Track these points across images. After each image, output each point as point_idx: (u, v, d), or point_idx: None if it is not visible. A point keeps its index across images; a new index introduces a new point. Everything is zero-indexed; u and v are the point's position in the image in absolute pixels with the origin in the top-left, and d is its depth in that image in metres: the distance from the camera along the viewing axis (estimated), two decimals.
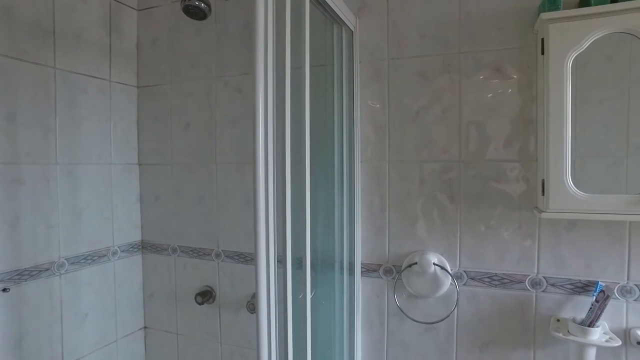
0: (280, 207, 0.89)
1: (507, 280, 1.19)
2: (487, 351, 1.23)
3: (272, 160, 0.84)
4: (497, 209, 1.20)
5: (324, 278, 1.28)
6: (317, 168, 1.21)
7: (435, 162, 1.25)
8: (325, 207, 1.27)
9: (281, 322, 0.92)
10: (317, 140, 1.18)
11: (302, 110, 0.99)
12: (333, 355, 1.30)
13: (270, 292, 0.85)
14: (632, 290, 1.10)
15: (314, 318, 1.19)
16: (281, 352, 0.92)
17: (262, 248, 0.83)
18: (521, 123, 1.17)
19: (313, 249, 1.10)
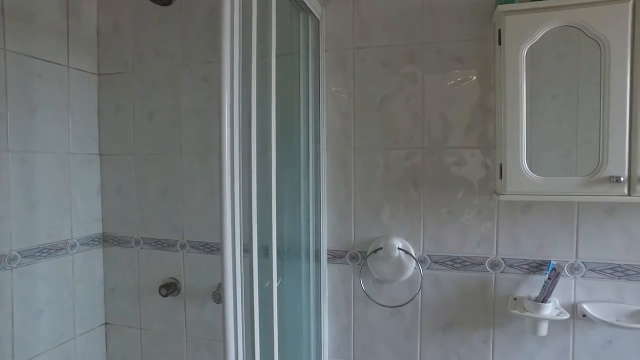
0: (246, 196, 0.89)
1: (469, 262, 1.24)
2: (449, 332, 1.27)
3: (238, 149, 0.84)
4: (458, 194, 1.24)
5: (290, 266, 1.29)
6: (283, 156, 1.22)
7: (399, 149, 1.28)
8: (291, 195, 1.27)
9: (247, 311, 0.91)
10: (283, 129, 1.19)
11: (268, 98, 0.99)
12: (300, 343, 1.31)
13: (237, 281, 0.85)
14: (579, 267, 1.16)
15: (281, 306, 1.19)
16: (248, 341, 0.92)
17: (228, 237, 0.82)
18: (480, 111, 1.22)
19: (279, 237, 1.10)
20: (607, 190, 1.02)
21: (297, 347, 1.30)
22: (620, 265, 1.14)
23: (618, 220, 1.14)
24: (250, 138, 0.88)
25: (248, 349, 0.92)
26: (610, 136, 1.02)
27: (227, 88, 0.80)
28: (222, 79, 0.81)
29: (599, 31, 1.02)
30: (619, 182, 1.01)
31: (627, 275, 1.14)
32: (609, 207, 1.14)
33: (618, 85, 1.01)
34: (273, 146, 0.98)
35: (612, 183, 1.01)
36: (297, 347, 1.30)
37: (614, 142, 1.02)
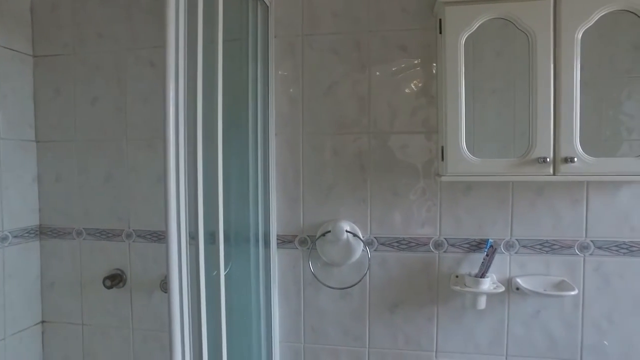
0: (192, 183, 0.88)
1: (414, 243, 1.29)
2: (396, 311, 1.31)
3: (184, 135, 0.82)
4: (403, 177, 1.29)
5: (239, 252, 1.28)
6: (231, 142, 1.21)
7: (347, 134, 1.31)
8: (239, 181, 1.26)
9: (194, 300, 0.90)
10: (230, 114, 1.18)
11: (215, 84, 0.98)
12: (250, 329, 1.30)
13: (182, 270, 0.84)
14: (514, 244, 1.24)
15: (230, 293, 1.18)
16: (195, 330, 0.91)
17: (173, 225, 0.81)
18: (424, 97, 1.27)
19: (227, 223, 1.10)
20: (536, 171, 1.10)
21: (246, 333, 1.29)
22: (548, 241, 1.23)
23: (546, 200, 1.23)
24: (196, 124, 0.87)
25: (195, 338, 0.90)
26: (538, 121, 1.10)
27: (172, 73, 0.79)
28: (167, 64, 0.79)
29: (527, 24, 1.10)
30: (545, 162, 1.09)
31: (553, 250, 1.23)
32: (538, 187, 1.23)
33: (544, 74, 1.09)
34: (219, 132, 0.98)
35: (540, 164, 1.09)
36: (246, 334, 1.29)
37: (541, 126, 1.10)
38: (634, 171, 1.08)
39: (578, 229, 1.22)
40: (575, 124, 1.08)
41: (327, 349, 1.35)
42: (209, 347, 0.92)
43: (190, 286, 0.87)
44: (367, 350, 1.33)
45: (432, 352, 1.30)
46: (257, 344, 1.32)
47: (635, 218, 1.20)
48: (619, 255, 1.21)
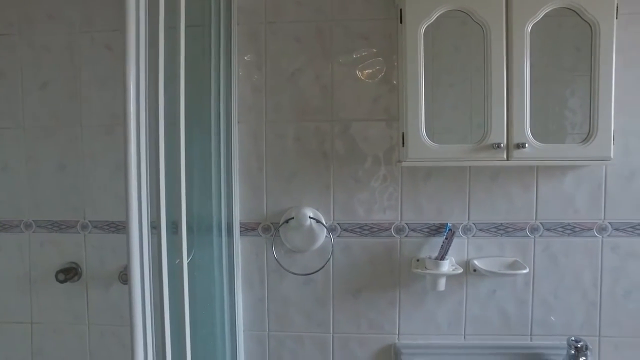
0: (153, 170, 0.85)
1: (376, 229, 1.31)
2: (360, 296, 1.33)
3: (145, 121, 0.80)
4: (365, 164, 1.31)
5: (201, 241, 1.25)
6: (193, 129, 1.19)
7: (310, 121, 1.32)
8: (202, 168, 1.24)
9: (156, 290, 0.88)
10: (193, 102, 1.16)
11: (177, 70, 0.96)
12: (214, 319, 1.28)
13: (144, 259, 0.81)
14: (471, 228, 1.30)
15: (193, 283, 1.16)
16: (157, 322, 0.88)
17: (134, 214, 0.78)
18: (385, 86, 1.30)
19: (189, 212, 1.07)
20: (491, 156, 1.15)
21: (210, 324, 1.27)
22: (502, 224, 1.30)
23: (500, 185, 1.29)
24: (158, 110, 0.85)
25: (157, 330, 0.88)
26: (493, 109, 1.15)
27: (132, 58, 0.77)
28: (127, 48, 0.77)
29: (482, 16, 1.15)
30: (499, 148, 1.14)
31: (507, 233, 1.29)
32: (493, 173, 1.29)
33: (497, 65, 1.15)
34: (182, 119, 0.95)
35: (494, 149, 1.15)
36: (210, 324, 1.27)
37: (495, 114, 1.15)
38: (578, 156, 1.16)
39: (529, 212, 1.29)
40: (526, 113, 1.14)
41: (291, 336, 1.35)
42: (172, 339, 0.90)
43: (152, 277, 0.85)
44: (331, 336, 1.35)
45: (394, 335, 1.34)
46: (221, 334, 1.30)
47: (578, 201, 1.28)
48: (564, 235, 1.29)
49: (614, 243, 1.29)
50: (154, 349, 0.84)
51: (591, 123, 1.15)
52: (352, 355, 1.35)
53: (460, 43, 1.21)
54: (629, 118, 1.27)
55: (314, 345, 1.35)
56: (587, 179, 1.28)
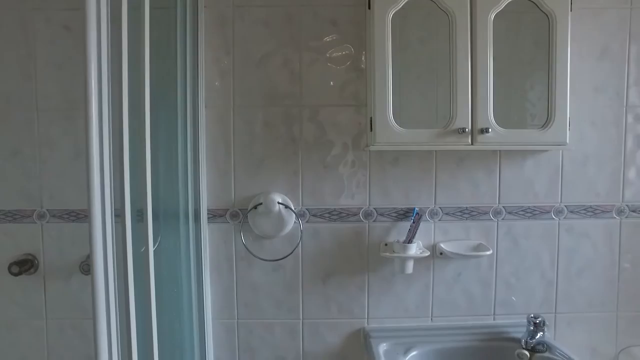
0: (117, 156, 0.82)
1: (345, 214, 1.32)
2: (329, 282, 1.34)
3: (108, 105, 0.77)
4: (334, 149, 1.31)
5: (168, 228, 1.22)
6: (159, 114, 1.15)
7: (278, 106, 1.31)
8: (168, 154, 1.21)
9: (121, 280, 0.84)
10: (158, 85, 1.12)
11: (141, 52, 0.93)
12: (182, 308, 1.25)
13: (108, 248, 0.78)
14: (437, 212, 1.33)
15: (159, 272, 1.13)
16: (122, 313, 0.85)
17: (96, 201, 0.75)
18: (353, 72, 1.31)
19: (155, 198, 1.04)
20: (456, 140, 1.18)
21: (178, 313, 1.24)
22: (467, 208, 1.33)
23: (465, 170, 1.32)
24: (122, 93, 0.81)
25: (122, 322, 0.85)
26: (458, 95, 1.18)
27: (94, 39, 0.73)
28: (87, 29, 0.73)
29: (447, 4, 1.17)
30: (464, 132, 1.17)
31: (472, 216, 1.33)
32: (458, 158, 1.32)
33: (462, 51, 1.18)
34: (147, 103, 0.92)
35: (459, 134, 1.18)
36: (178, 313, 1.24)
37: (460, 100, 1.18)
38: (537, 141, 1.21)
39: (492, 196, 1.33)
40: (490, 99, 1.18)
41: (261, 324, 1.34)
42: (138, 330, 0.87)
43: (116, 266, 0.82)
44: (301, 322, 1.35)
45: (364, 319, 1.35)
46: (189, 323, 1.28)
47: (537, 185, 1.34)
48: (524, 218, 1.34)
49: (569, 225, 1.36)
50: (118, 342, 0.81)
51: (549, 110, 1.20)
52: (323, 340, 1.35)
53: (427, 31, 1.23)
54: (583, 107, 1.33)
55: (284, 332, 1.35)
56: (545, 164, 1.34)
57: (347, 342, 1.36)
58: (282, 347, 1.35)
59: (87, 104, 0.73)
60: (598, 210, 1.36)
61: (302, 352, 1.35)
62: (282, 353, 1.35)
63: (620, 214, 1.37)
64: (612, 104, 1.35)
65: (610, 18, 1.33)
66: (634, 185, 1.37)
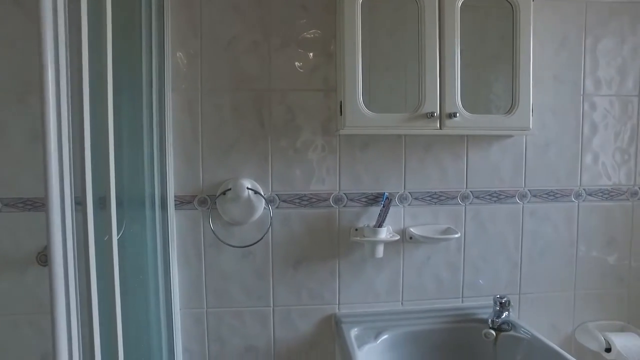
0: (77, 141, 0.78)
1: (315, 199, 1.31)
2: (299, 268, 1.33)
3: (66, 87, 0.72)
4: (304, 134, 1.30)
5: (133, 216, 1.18)
6: (122, 97, 1.11)
7: (247, 91, 1.28)
8: (132, 138, 1.16)
9: (82, 270, 0.80)
10: (121, 67, 1.08)
11: (103, 31, 0.88)
12: (148, 299, 1.21)
13: (67, 237, 0.74)
14: (407, 197, 1.34)
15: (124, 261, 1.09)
16: (83, 305, 0.81)
17: (54, 189, 0.70)
18: (324, 56, 1.30)
19: (119, 185, 1.00)
20: (425, 124, 1.20)
21: (144, 304, 1.20)
22: (436, 193, 1.35)
23: (434, 155, 1.34)
24: (81, 75, 0.77)
25: (84, 315, 0.81)
26: (427, 80, 1.20)
27: (49, 16, 0.69)
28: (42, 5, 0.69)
29: None
30: (433, 117, 1.19)
31: (440, 201, 1.36)
32: (427, 143, 1.34)
33: (430, 37, 1.19)
34: (109, 85, 0.88)
35: (428, 119, 1.19)
36: (144, 304, 1.20)
37: (429, 84, 1.20)
38: (503, 126, 1.24)
39: (460, 181, 1.36)
40: (457, 85, 1.20)
41: (230, 312, 1.32)
42: (101, 323, 0.83)
43: (77, 256, 0.78)
44: (271, 309, 1.33)
45: (335, 305, 1.35)
46: (155, 314, 1.24)
47: (502, 170, 1.38)
48: (491, 203, 1.38)
49: (532, 208, 1.40)
50: (79, 337, 0.77)
51: (513, 96, 1.24)
52: (294, 327, 1.34)
53: (397, 17, 1.24)
54: (544, 95, 1.38)
55: (254, 320, 1.33)
56: (510, 150, 1.38)
57: (318, 329, 1.35)
58: (253, 336, 1.33)
59: (42, 85, 0.68)
60: (558, 194, 1.41)
61: (274, 340, 1.34)
62: (253, 342, 1.33)
63: (578, 197, 1.43)
64: (570, 92, 1.41)
65: (568, 10, 1.38)
66: (590, 171, 1.43)
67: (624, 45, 1.42)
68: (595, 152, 1.43)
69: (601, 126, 1.43)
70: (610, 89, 1.42)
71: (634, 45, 1.42)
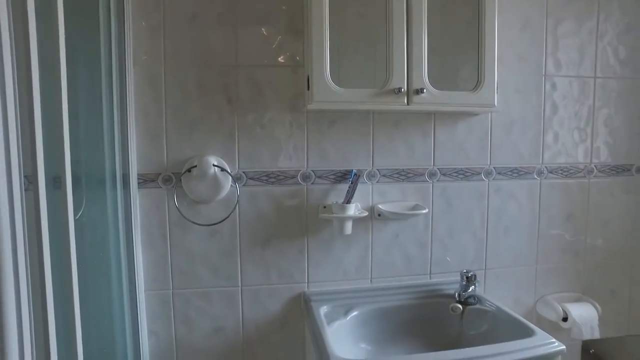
0: (26, 116, 0.73)
1: (282, 176, 1.30)
2: (268, 246, 1.31)
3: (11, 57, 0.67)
4: (271, 110, 1.28)
5: (93, 195, 1.13)
6: (79, 68, 1.06)
7: (213, 66, 1.25)
8: (91, 114, 1.12)
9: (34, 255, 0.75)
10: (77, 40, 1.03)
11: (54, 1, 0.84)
12: (110, 282, 1.17)
13: (16, 220, 0.69)
14: (375, 174, 1.35)
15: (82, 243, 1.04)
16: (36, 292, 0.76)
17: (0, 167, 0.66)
18: (291, 32, 1.28)
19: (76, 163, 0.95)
20: (392, 100, 1.20)
21: (106, 287, 1.16)
22: (404, 170, 1.36)
23: (401, 131, 1.35)
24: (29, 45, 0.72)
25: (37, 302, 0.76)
26: (394, 55, 1.20)
27: None
28: None
29: None
30: (400, 92, 1.19)
31: (408, 178, 1.37)
32: (395, 120, 1.34)
33: (398, 13, 1.20)
34: (62, 53, 0.83)
35: (396, 94, 1.20)
36: (106, 288, 1.16)
37: (397, 60, 1.20)
38: (469, 103, 1.26)
39: (427, 158, 1.38)
40: (424, 61, 1.21)
41: (198, 293, 1.29)
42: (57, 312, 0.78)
43: (29, 240, 0.73)
44: (240, 289, 1.31)
45: (304, 284, 1.34)
46: (118, 297, 1.20)
47: (468, 148, 1.40)
48: (457, 180, 1.40)
49: (497, 185, 1.44)
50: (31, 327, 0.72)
51: (479, 73, 1.26)
52: (263, 307, 1.33)
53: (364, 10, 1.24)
54: (509, 75, 1.41)
55: (222, 301, 1.30)
56: (476, 128, 1.40)
57: (287, 308, 1.34)
58: (221, 316, 1.31)
59: None
60: (522, 171, 1.45)
61: (242, 320, 1.32)
62: (221, 322, 1.31)
63: (540, 174, 1.47)
64: (533, 72, 1.44)
65: None
66: (551, 149, 1.47)
67: (582, 29, 1.47)
68: (556, 131, 1.47)
69: (561, 106, 1.47)
70: (569, 70, 1.47)
71: (590, 28, 1.47)
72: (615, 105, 1.52)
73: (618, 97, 1.52)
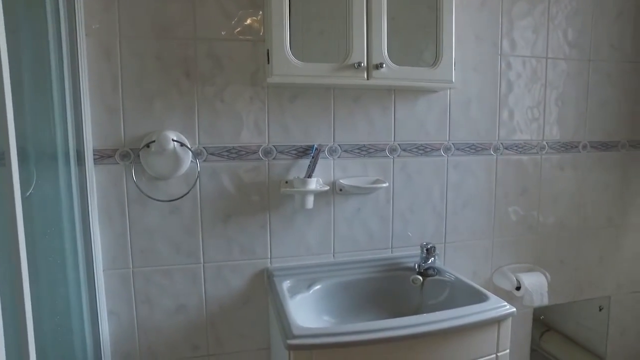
0: None
1: (244, 152, 1.29)
2: (229, 222, 1.31)
3: None
4: (231, 84, 1.27)
5: (44, 172, 1.09)
6: (23, 36, 1.01)
7: (171, 39, 1.22)
8: (39, 85, 1.07)
9: None
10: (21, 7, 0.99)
11: None
12: (65, 263, 1.13)
13: None
14: (336, 149, 1.36)
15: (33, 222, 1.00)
16: None
17: None
18: (252, 5, 1.26)
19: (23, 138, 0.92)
20: (352, 74, 1.22)
21: (60, 268, 1.12)
22: (365, 145, 1.38)
23: (362, 107, 1.37)
24: None
25: None
26: (354, 29, 1.21)
27: None
28: None
29: None
30: (360, 67, 1.21)
31: (369, 153, 1.39)
32: (355, 96, 1.36)
33: None
34: None
35: (355, 69, 1.21)
36: (60, 269, 1.12)
37: (356, 34, 1.21)
38: (427, 78, 1.29)
39: (388, 134, 1.40)
40: (384, 36, 1.23)
41: (159, 271, 1.27)
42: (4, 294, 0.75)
43: None
44: (202, 266, 1.30)
45: (267, 259, 1.35)
46: (74, 278, 1.16)
47: (428, 124, 1.44)
48: (417, 155, 1.44)
49: (456, 161, 1.48)
50: None
51: (437, 49, 1.29)
52: (226, 283, 1.32)
53: None
54: (466, 53, 1.45)
55: (184, 278, 1.29)
56: (435, 104, 1.44)
57: (250, 284, 1.34)
58: (184, 294, 1.30)
59: None
60: (479, 147, 1.50)
61: (205, 298, 1.31)
62: (183, 300, 1.30)
63: (497, 151, 1.53)
64: (489, 51, 1.49)
65: None
66: (507, 126, 1.53)
67: (535, 10, 1.52)
68: (511, 109, 1.53)
69: (516, 85, 1.53)
70: (523, 50, 1.52)
71: (542, 10, 1.53)
72: (564, 86, 1.59)
73: (567, 78, 1.59)
